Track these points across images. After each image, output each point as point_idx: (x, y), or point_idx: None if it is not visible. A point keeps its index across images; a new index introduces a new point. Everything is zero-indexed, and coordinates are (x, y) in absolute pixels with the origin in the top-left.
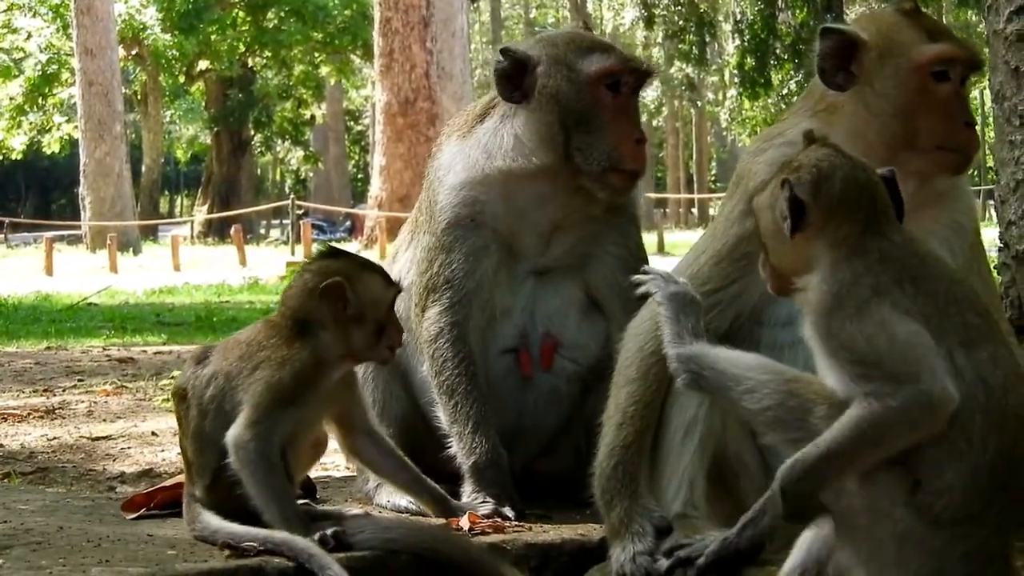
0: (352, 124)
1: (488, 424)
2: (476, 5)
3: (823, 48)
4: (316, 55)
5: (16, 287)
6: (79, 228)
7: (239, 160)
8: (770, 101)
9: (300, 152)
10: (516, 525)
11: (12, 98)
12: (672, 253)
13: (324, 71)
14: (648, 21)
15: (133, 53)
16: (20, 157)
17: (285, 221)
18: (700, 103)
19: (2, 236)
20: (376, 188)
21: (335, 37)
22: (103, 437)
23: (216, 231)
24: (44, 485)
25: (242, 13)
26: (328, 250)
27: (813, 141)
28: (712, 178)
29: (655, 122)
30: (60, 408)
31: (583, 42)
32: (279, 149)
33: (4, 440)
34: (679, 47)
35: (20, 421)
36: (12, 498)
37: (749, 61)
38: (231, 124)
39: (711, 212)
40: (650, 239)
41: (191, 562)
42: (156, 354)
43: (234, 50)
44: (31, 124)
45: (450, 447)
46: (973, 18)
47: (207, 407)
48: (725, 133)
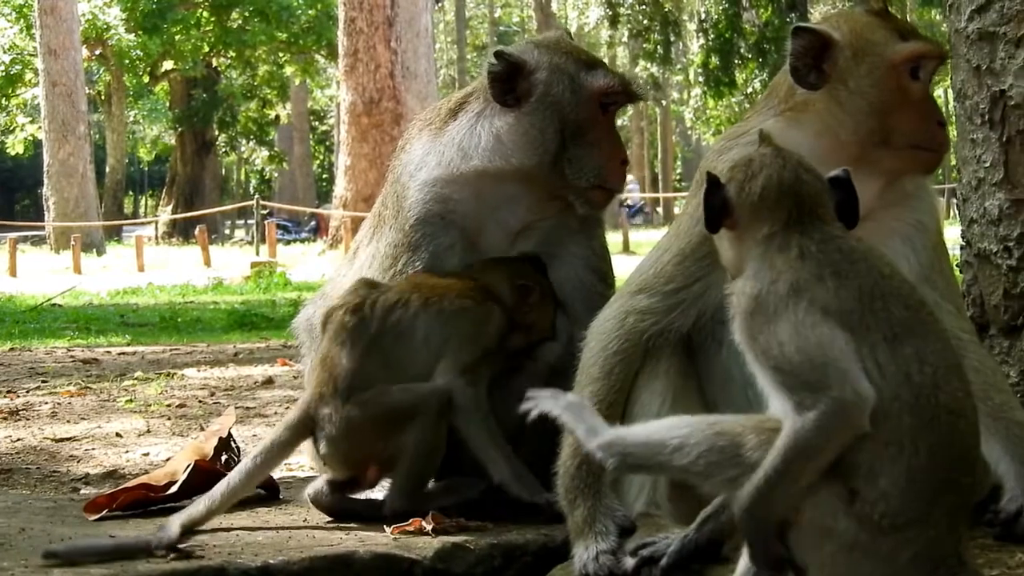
0: (317, 124)
1: None
2: (440, 5)
3: (796, 47)
4: (280, 55)
5: None
6: (43, 229)
7: (203, 160)
8: (734, 100)
9: (265, 152)
10: (479, 524)
11: None
12: (637, 252)
13: (288, 71)
14: (613, 20)
15: (97, 53)
16: None
17: (250, 221)
18: (665, 102)
19: None
20: (341, 188)
21: (299, 37)
22: (67, 438)
23: (180, 231)
24: (7, 487)
25: (206, 13)
26: (535, 263)
27: (764, 140)
28: (677, 177)
29: (620, 121)
30: (24, 409)
31: (583, 55)
32: (243, 149)
33: None
34: (644, 46)
35: None
36: None
37: (714, 60)
38: (195, 124)
39: (676, 211)
40: (615, 238)
41: (154, 563)
42: (120, 355)
43: (198, 50)
44: None
45: None
46: (937, 17)
47: (390, 328)
48: (690, 132)
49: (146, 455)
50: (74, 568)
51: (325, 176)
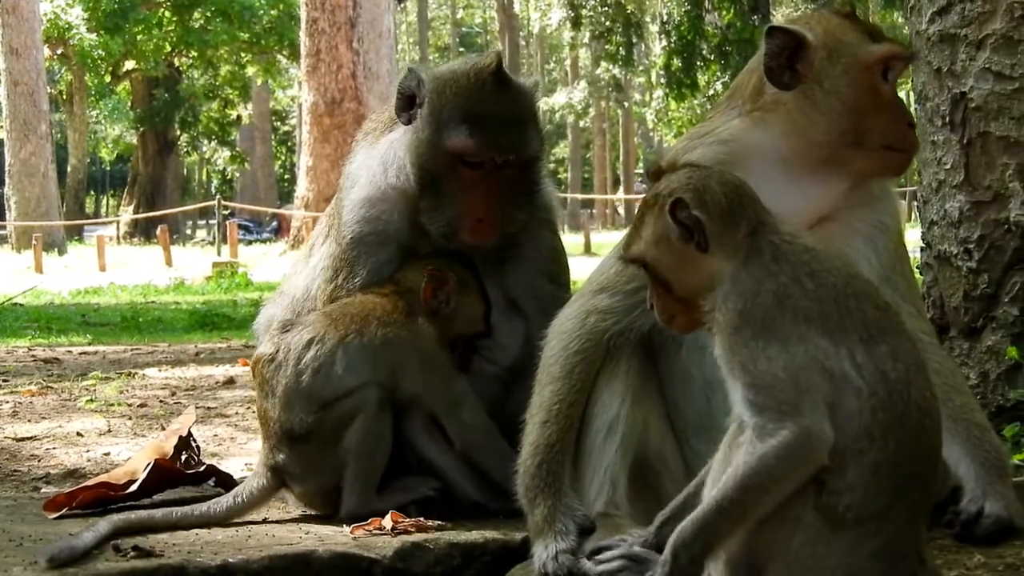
0: (279, 124)
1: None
2: (403, 6)
3: (770, 47)
4: (242, 55)
5: None
6: (4, 228)
7: (165, 160)
8: (696, 102)
9: (226, 152)
10: (439, 524)
11: None
12: (598, 254)
13: (250, 71)
14: (575, 22)
15: (59, 53)
16: None
17: (211, 221)
18: (627, 104)
19: None
20: (303, 188)
21: (261, 37)
22: (28, 438)
23: (142, 231)
24: None
25: (168, 13)
26: (462, 258)
27: (660, 174)
28: (639, 179)
29: (582, 123)
30: None
31: (464, 103)
32: (205, 149)
33: None
34: (606, 48)
35: None
36: None
37: (676, 62)
38: (157, 124)
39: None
40: (576, 240)
41: (113, 561)
42: (81, 354)
43: (160, 50)
44: None
45: None
46: (899, 19)
47: (306, 366)
48: (652, 134)
49: (107, 455)
50: (34, 566)
51: (287, 176)
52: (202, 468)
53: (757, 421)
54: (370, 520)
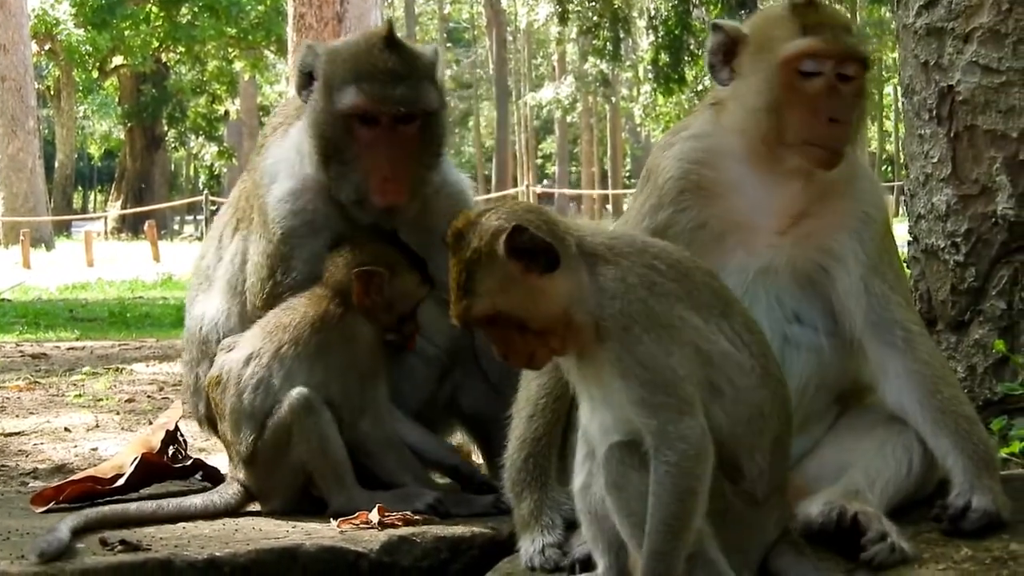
0: (266, 120)
1: None
2: (390, 1)
3: (711, 44)
4: (230, 50)
5: None
6: None
7: (153, 156)
8: (684, 97)
9: (214, 148)
10: (426, 518)
11: None
12: None
13: (238, 66)
14: (562, 17)
15: (46, 48)
16: None
17: (199, 217)
18: (614, 99)
19: None
20: None
21: (249, 32)
22: (15, 433)
23: (130, 227)
24: None
25: (155, 8)
26: (383, 232)
27: (461, 234)
28: (627, 174)
29: (569, 118)
30: None
31: (354, 65)
32: (193, 145)
33: None
34: (593, 43)
35: None
36: None
37: (663, 57)
38: (145, 119)
39: (625, 208)
40: None
41: (100, 556)
42: (69, 350)
43: (147, 45)
44: None
45: None
46: (887, 15)
47: (245, 384)
48: (639, 129)
49: (95, 450)
50: (21, 560)
51: None
52: (189, 462)
53: (656, 424)
54: (357, 514)
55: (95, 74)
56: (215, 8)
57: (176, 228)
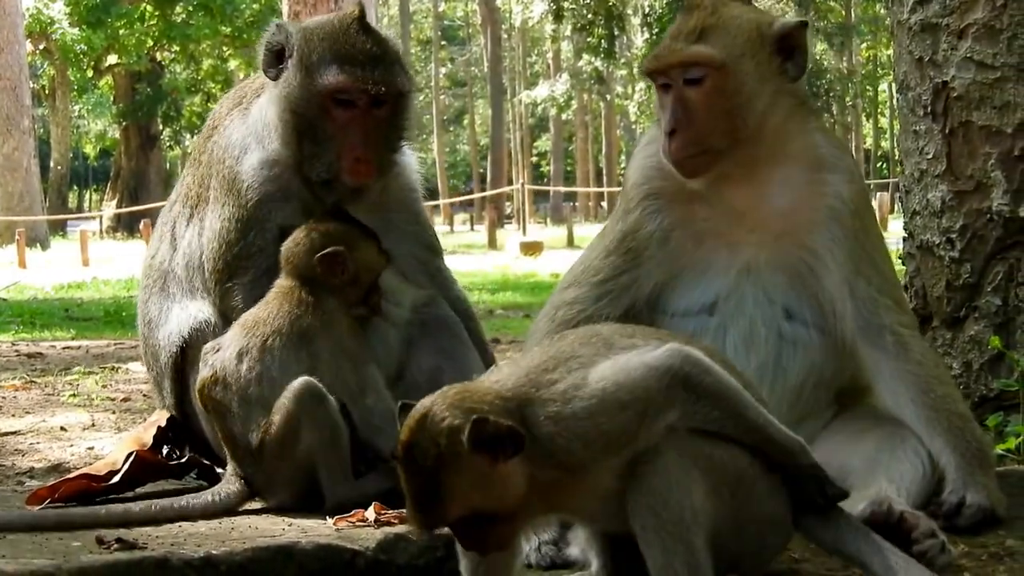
0: None
1: None
2: None
3: None
4: (225, 49)
5: None
6: None
7: (148, 154)
8: None
9: None
10: None
11: None
12: (580, 246)
13: (233, 65)
14: (557, 14)
15: (41, 48)
16: None
17: None
18: (609, 96)
19: None
20: None
21: (243, 31)
22: (11, 432)
23: (125, 226)
24: None
25: (150, 7)
26: (332, 210)
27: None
28: (621, 172)
29: (564, 116)
30: None
31: (332, 45)
32: (188, 143)
33: None
34: (588, 40)
35: None
36: None
37: None
38: (140, 118)
39: None
40: (559, 233)
41: (96, 554)
42: (65, 349)
43: (142, 44)
44: None
45: None
46: (882, 11)
47: (246, 379)
48: (634, 126)
49: (91, 449)
50: (16, 560)
51: None
52: (184, 459)
53: None
54: (353, 512)
55: (90, 73)
56: (210, 7)
57: (158, 223)
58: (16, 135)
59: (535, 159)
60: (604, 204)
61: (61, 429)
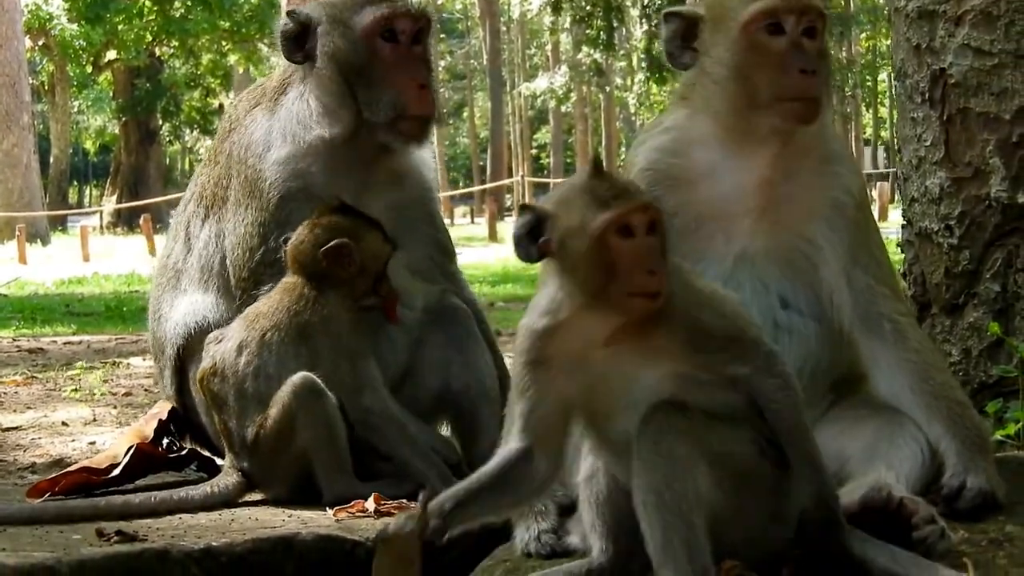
0: None
1: None
2: None
3: (666, 33)
4: (223, 43)
5: None
6: None
7: (147, 150)
8: (677, 86)
9: (208, 141)
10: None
11: None
12: None
13: (232, 59)
14: (556, 6)
15: (40, 43)
16: None
17: None
18: (608, 88)
19: None
20: None
21: (242, 25)
22: (13, 427)
23: (125, 221)
24: None
25: (149, 2)
26: (336, 206)
27: None
28: (621, 163)
29: (563, 108)
30: None
31: None
32: (187, 138)
33: None
34: (587, 32)
35: None
36: None
37: (657, 46)
38: (139, 113)
39: None
40: None
41: (96, 546)
42: (66, 344)
43: (141, 39)
44: None
45: None
46: (881, 0)
47: (244, 372)
48: (633, 118)
49: (92, 444)
50: (16, 553)
51: None
52: (184, 452)
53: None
54: (353, 503)
55: (89, 69)
56: (208, 1)
57: (171, 222)
58: (16, 131)
59: (535, 151)
60: None
61: (63, 424)
